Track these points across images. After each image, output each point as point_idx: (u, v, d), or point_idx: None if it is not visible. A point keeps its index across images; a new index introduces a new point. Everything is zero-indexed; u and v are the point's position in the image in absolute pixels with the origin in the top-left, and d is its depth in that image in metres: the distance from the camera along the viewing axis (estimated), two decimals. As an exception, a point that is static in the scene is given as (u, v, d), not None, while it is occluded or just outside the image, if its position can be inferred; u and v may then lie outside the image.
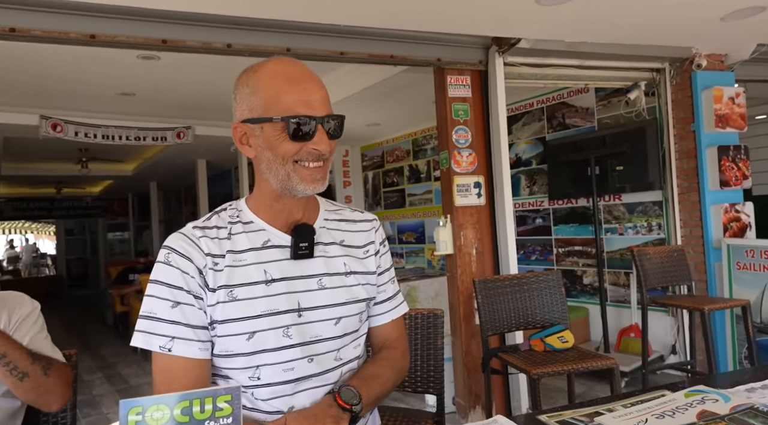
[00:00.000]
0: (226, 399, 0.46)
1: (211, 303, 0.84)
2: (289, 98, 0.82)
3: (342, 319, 0.90)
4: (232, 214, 0.91)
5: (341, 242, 0.95)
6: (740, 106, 3.24)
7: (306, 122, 0.81)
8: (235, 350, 0.84)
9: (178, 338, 0.81)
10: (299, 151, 0.83)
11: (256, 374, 0.85)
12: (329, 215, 0.97)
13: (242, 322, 0.83)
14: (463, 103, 2.97)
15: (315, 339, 0.88)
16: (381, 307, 1.01)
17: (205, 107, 4.61)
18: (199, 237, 0.86)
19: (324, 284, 0.90)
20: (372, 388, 0.89)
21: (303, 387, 0.87)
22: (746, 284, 2.91)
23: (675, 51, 3.22)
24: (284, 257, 0.88)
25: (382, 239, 1.02)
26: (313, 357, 0.87)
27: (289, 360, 0.85)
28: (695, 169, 3.29)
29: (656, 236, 3.60)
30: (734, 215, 3.19)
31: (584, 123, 4.08)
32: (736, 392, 0.92)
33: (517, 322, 2.23)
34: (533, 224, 4.54)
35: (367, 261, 0.97)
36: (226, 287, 0.84)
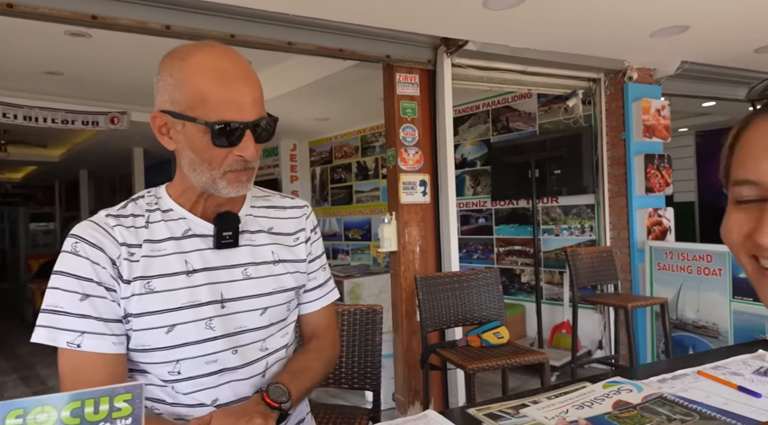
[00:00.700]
0: (126, 398, 0.42)
1: (125, 295, 0.79)
2: (216, 99, 0.75)
3: (268, 309, 0.88)
4: (150, 201, 0.87)
5: (269, 230, 0.92)
6: (665, 118, 3.49)
7: (233, 128, 0.76)
8: (153, 344, 0.80)
9: (89, 332, 0.75)
10: (226, 158, 0.78)
11: (176, 368, 0.81)
12: (257, 203, 0.94)
13: (161, 315, 0.79)
14: (411, 101, 2.99)
15: (239, 329, 0.85)
16: (311, 294, 1.00)
17: (143, 92, 4.35)
18: (113, 226, 0.81)
19: (249, 273, 0.87)
20: (301, 382, 0.88)
21: (227, 378, 0.84)
22: (665, 284, 3.14)
23: (610, 63, 3.41)
24: (207, 246, 0.85)
25: (313, 225, 1.00)
26: (237, 349, 0.84)
27: (212, 353, 0.82)
28: (624, 175, 3.51)
29: (588, 237, 3.80)
30: (657, 219, 3.43)
31: (526, 127, 4.24)
32: (648, 382, 0.98)
33: (456, 318, 2.28)
34: (476, 224, 4.66)
35: (296, 249, 0.95)
36: (142, 279, 0.79)
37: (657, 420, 0.80)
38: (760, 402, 0.88)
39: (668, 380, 1.01)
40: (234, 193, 0.81)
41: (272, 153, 6.42)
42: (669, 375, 1.04)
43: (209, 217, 0.86)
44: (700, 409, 0.82)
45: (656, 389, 0.93)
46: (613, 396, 0.91)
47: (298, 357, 0.95)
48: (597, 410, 0.86)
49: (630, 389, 0.93)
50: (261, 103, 0.80)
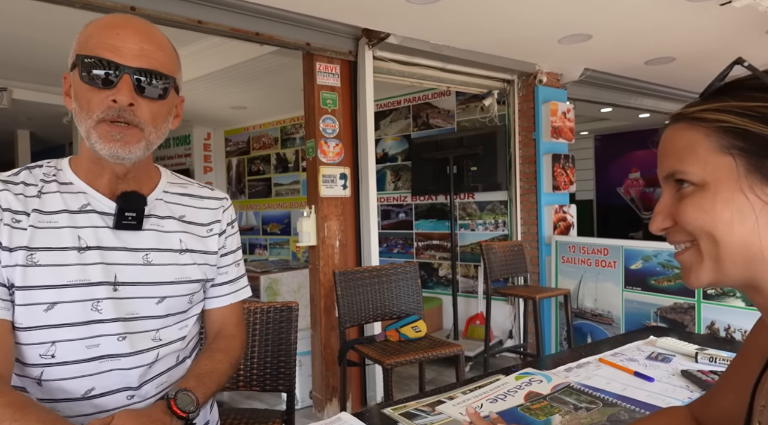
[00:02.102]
0: None
1: (8, 264, 0.72)
2: (96, 40, 0.71)
3: (167, 298, 0.82)
4: (47, 172, 0.80)
5: (181, 218, 0.87)
6: (570, 120, 3.74)
7: (105, 66, 0.70)
8: (27, 322, 0.72)
9: None
10: (101, 104, 0.71)
11: (50, 351, 0.73)
12: (171, 188, 0.88)
13: (42, 291, 0.72)
14: (332, 92, 2.92)
15: (131, 315, 0.78)
16: (220, 289, 0.93)
17: (27, 67, 3.84)
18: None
19: (151, 259, 0.81)
20: (208, 386, 0.83)
21: (109, 366, 0.76)
22: (568, 276, 3.38)
23: (522, 65, 3.58)
24: (105, 225, 0.78)
25: (230, 219, 0.95)
26: (125, 336, 0.77)
27: (95, 336, 0.75)
28: (534, 173, 3.71)
29: (501, 232, 3.98)
30: (562, 215, 3.68)
31: (445, 124, 4.34)
32: (556, 372, 1.01)
33: (375, 313, 2.26)
34: (396, 219, 4.70)
35: (209, 240, 0.89)
36: (26, 250, 0.73)
37: (565, 410, 0.82)
38: (653, 386, 0.93)
39: (573, 368, 1.05)
40: (106, 151, 0.72)
41: (184, 141, 6.00)
42: (574, 363, 1.08)
43: (112, 194, 0.80)
44: (603, 396, 0.86)
45: (563, 378, 0.96)
46: (524, 387, 0.92)
47: (204, 358, 0.88)
48: (510, 402, 0.87)
49: (540, 380, 0.95)
50: (155, 57, 0.74)
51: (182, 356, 0.88)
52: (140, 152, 0.75)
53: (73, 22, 2.99)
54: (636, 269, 2.95)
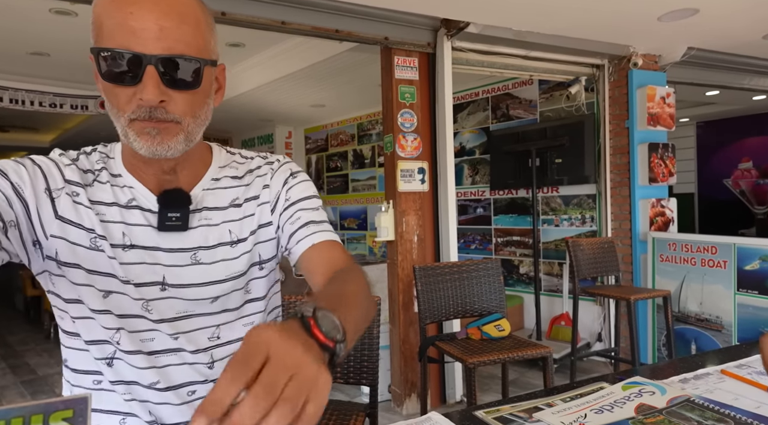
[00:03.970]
0: (65, 416, 0.32)
1: (57, 235, 0.69)
2: (109, 24, 0.61)
3: (220, 297, 0.76)
4: (98, 159, 0.75)
5: (232, 203, 0.79)
6: (670, 106, 3.40)
7: (123, 57, 0.60)
8: (93, 305, 0.70)
9: None
10: (129, 102, 0.63)
11: (115, 337, 0.71)
12: (221, 173, 0.80)
13: (100, 277, 0.70)
14: (410, 85, 2.89)
15: (183, 314, 0.73)
16: (301, 232, 0.77)
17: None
18: (65, 164, 0.72)
19: (200, 258, 0.74)
20: (353, 315, 0.55)
21: (166, 362, 0.73)
22: (668, 276, 3.08)
23: (614, 48, 3.31)
24: (149, 224, 0.73)
25: (288, 174, 0.82)
26: (178, 335, 0.73)
27: (149, 330, 0.72)
28: (627, 164, 3.43)
29: (589, 228, 3.73)
30: (660, 209, 3.36)
31: (527, 115, 4.14)
32: (670, 383, 0.91)
33: (455, 310, 2.20)
34: (474, 214, 4.58)
35: (260, 213, 0.80)
36: (85, 230, 0.69)
37: (687, 428, 0.72)
38: (796, 406, 0.80)
39: (690, 380, 0.93)
40: (146, 150, 0.65)
41: (267, 140, 6.30)
42: (690, 374, 0.96)
43: (158, 189, 0.73)
44: (733, 414, 0.75)
45: (680, 391, 0.86)
46: (634, 398, 0.83)
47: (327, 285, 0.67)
48: (618, 415, 0.78)
49: (652, 391, 0.85)
50: (177, 37, 0.62)
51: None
52: (181, 146, 0.67)
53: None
54: (752, 271, 2.62)
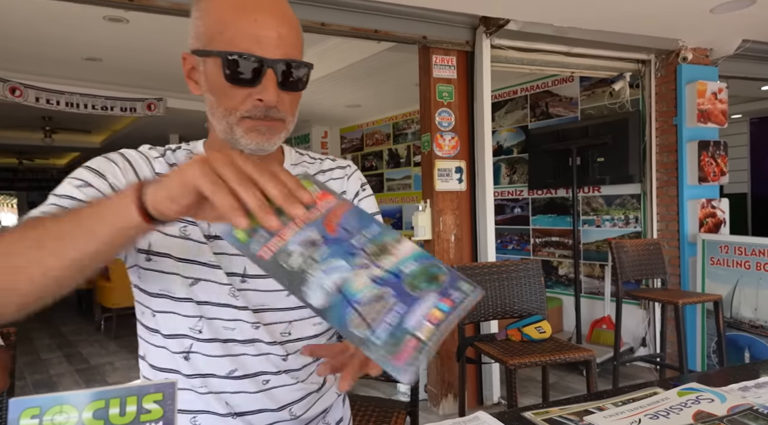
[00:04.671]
0: (156, 399, 0.36)
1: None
2: (233, 30, 0.66)
3: None
4: (185, 155, 0.79)
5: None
6: (722, 101, 3.25)
7: (248, 61, 0.65)
8: (178, 293, 0.73)
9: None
10: (244, 102, 0.68)
11: (198, 325, 0.74)
12: (294, 170, 0.84)
13: (189, 265, 0.72)
14: (448, 84, 2.87)
15: (261, 307, 0.77)
16: None
17: (179, 78, 4.37)
18: (155, 158, 0.76)
19: None
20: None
21: (243, 351, 0.76)
22: (719, 280, 2.94)
23: (662, 43, 3.18)
24: None
25: (360, 184, 0.88)
26: (258, 325, 0.76)
27: (232, 320, 0.75)
28: (675, 163, 3.30)
29: (633, 229, 3.61)
30: (710, 210, 3.21)
31: (567, 113, 4.04)
32: (730, 391, 0.87)
33: (495, 311, 2.18)
34: (511, 214, 4.51)
35: None
36: (180, 221, 0.72)
37: (751, 437, 0.69)
38: None
39: (751, 388, 0.89)
40: (253, 145, 0.70)
41: (304, 140, 6.40)
42: (751, 382, 0.92)
43: None
44: (802, 426, 0.71)
45: (741, 399, 0.82)
46: (691, 405, 0.80)
47: None
48: (675, 421, 0.76)
49: (711, 398, 0.82)
50: (291, 42, 0.69)
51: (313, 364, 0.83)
52: (280, 142, 0.73)
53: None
54: (813, 276, 2.47)
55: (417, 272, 0.41)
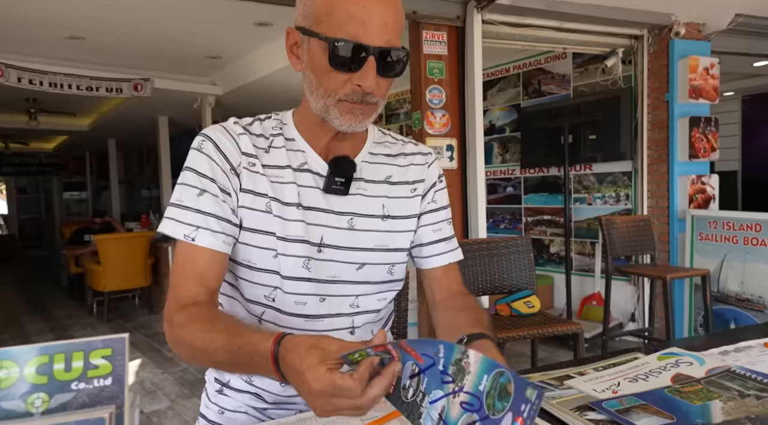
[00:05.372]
0: (104, 354, 0.35)
1: (243, 204, 0.77)
2: (342, 14, 0.68)
3: (366, 265, 0.81)
4: (275, 125, 0.82)
5: (387, 179, 0.85)
6: (714, 77, 3.23)
7: (354, 48, 0.68)
8: (259, 264, 0.77)
9: (203, 228, 0.73)
10: (343, 86, 0.71)
11: (272, 294, 0.78)
12: (377, 149, 0.86)
13: (271, 238, 0.76)
14: (439, 61, 2.83)
15: (332, 278, 0.80)
16: (436, 247, 0.88)
17: (166, 57, 4.31)
18: (239, 134, 0.79)
19: (354, 224, 0.80)
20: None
21: (312, 326, 0.80)
22: (707, 255, 2.97)
23: (654, 17, 3.15)
24: (316, 185, 0.79)
25: (438, 174, 0.90)
26: (325, 297, 0.80)
27: (302, 294, 0.78)
28: (666, 140, 3.29)
29: (623, 206, 3.62)
30: (700, 186, 3.23)
31: (560, 90, 4.01)
32: (709, 355, 0.88)
33: (485, 287, 2.19)
34: (504, 193, 4.51)
35: (412, 202, 0.86)
36: (260, 196, 0.77)
37: (727, 395, 0.70)
38: None
39: (731, 352, 0.90)
40: (346, 126, 0.74)
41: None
42: (731, 347, 0.93)
43: (326, 155, 0.81)
44: (777, 385, 0.72)
45: (719, 362, 0.83)
46: (671, 368, 0.81)
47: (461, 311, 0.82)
48: (653, 384, 0.76)
49: (690, 361, 0.83)
50: (393, 30, 0.71)
51: (376, 331, 0.86)
52: (370, 123, 0.77)
53: (200, 10, 3.26)
54: (799, 249, 2.49)
55: (490, 389, 0.47)
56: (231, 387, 0.85)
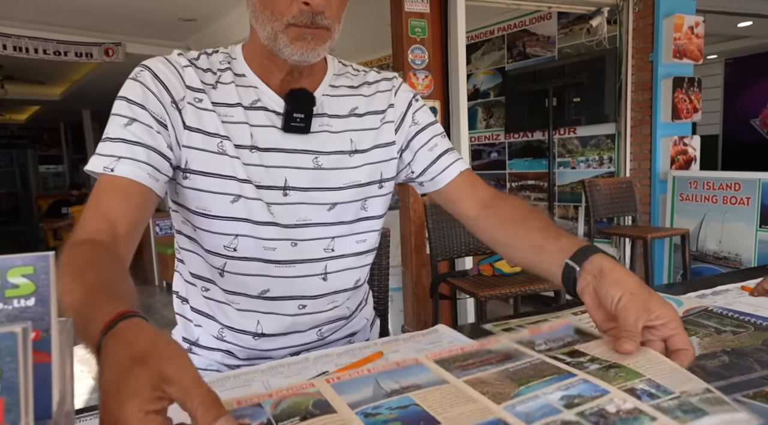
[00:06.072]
0: (25, 273, 0.31)
1: (189, 144, 0.69)
2: None
3: (337, 205, 0.76)
4: (222, 59, 0.75)
5: (352, 112, 0.78)
6: (698, 36, 3.20)
7: None
8: (215, 211, 0.71)
9: (125, 157, 0.64)
10: (290, 6, 0.65)
11: (233, 244, 0.73)
12: (338, 81, 0.80)
13: (230, 182, 0.70)
14: (421, 19, 2.75)
15: (303, 222, 0.75)
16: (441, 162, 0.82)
17: (138, 19, 4.11)
18: (183, 66, 0.71)
19: (320, 163, 0.75)
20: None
21: (283, 272, 0.74)
22: (687, 215, 3.01)
23: (641, -26, 3.08)
24: (273, 124, 0.73)
25: (409, 97, 0.84)
26: (298, 242, 0.74)
27: (271, 239, 0.73)
28: (649, 101, 3.28)
29: (606, 169, 3.63)
30: (682, 148, 3.24)
31: (545, 52, 3.95)
32: (687, 298, 0.88)
33: (467, 248, 2.19)
34: (488, 159, 4.49)
35: (383, 131, 0.80)
36: (211, 136, 0.70)
37: (704, 332, 0.70)
38: (820, 316, 0.77)
39: (709, 295, 0.90)
40: (298, 56, 0.67)
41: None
42: (708, 290, 0.93)
43: (281, 90, 0.74)
44: (754, 321, 0.72)
45: (697, 303, 0.83)
46: (648, 309, 0.81)
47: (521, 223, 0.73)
48: (631, 324, 0.76)
49: (668, 303, 0.83)
50: None
51: (361, 280, 0.83)
52: (325, 52, 0.70)
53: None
54: (775, 206, 2.53)
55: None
56: (200, 345, 0.80)
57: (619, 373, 0.41)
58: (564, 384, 0.39)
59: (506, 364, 0.44)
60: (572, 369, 0.43)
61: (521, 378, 0.41)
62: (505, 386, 0.40)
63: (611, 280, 0.56)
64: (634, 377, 0.41)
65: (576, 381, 0.40)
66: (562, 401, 0.37)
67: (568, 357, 0.46)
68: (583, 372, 0.42)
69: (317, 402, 0.37)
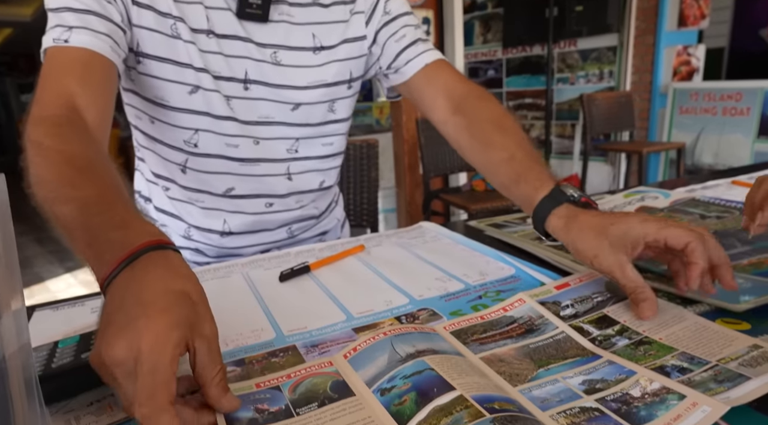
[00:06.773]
0: None
1: (140, 23, 0.62)
2: None
3: (302, 106, 0.71)
4: None
5: (316, 1, 0.70)
6: (714, -68, 2.95)
7: None
8: (173, 102, 0.66)
9: (80, 27, 0.56)
10: None
11: (193, 139, 0.68)
12: None
13: (187, 70, 0.64)
14: None
15: (264, 119, 0.70)
16: (409, 52, 0.73)
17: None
18: None
19: (279, 59, 0.68)
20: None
21: (248, 170, 0.71)
22: (685, 129, 2.95)
23: None
24: (230, 7, 0.65)
25: None
26: (260, 140, 0.70)
27: (234, 135, 0.69)
28: (655, 8, 3.09)
29: (606, 84, 3.51)
30: (686, 58, 3.11)
31: (547, -44, 3.66)
32: (675, 191, 0.87)
33: (460, 164, 2.16)
34: (485, 77, 4.32)
35: (352, 24, 0.72)
36: (163, 16, 0.62)
37: (689, 219, 0.69)
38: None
39: (698, 189, 0.89)
40: None
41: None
42: (698, 185, 0.92)
43: None
44: (739, 206, 0.71)
45: (684, 194, 0.82)
46: (635, 203, 0.80)
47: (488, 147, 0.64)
48: (617, 215, 0.75)
49: (656, 196, 0.82)
50: None
51: (327, 182, 0.80)
52: None
53: None
54: (776, 116, 2.48)
55: None
56: None
57: (649, 351, 0.39)
58: (587, 368, 0.37)
59: (527, 339, 0.42)
60: (598, 349, 0.40)
61: (541, 359, 0.39)
62: (524, 366, 0.38)
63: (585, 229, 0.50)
64: (665, 352, 0.38)
65: (600, 363, 0.37)
66: (583, 386, 0.35)
67: (594, 329, 0.43)
68: (608, 353, 0.39)
69: (335, 384, 0.36)
